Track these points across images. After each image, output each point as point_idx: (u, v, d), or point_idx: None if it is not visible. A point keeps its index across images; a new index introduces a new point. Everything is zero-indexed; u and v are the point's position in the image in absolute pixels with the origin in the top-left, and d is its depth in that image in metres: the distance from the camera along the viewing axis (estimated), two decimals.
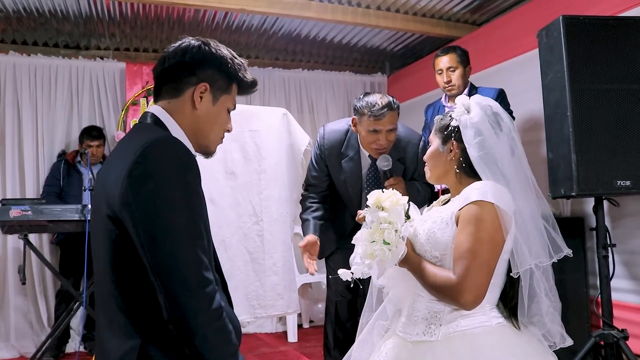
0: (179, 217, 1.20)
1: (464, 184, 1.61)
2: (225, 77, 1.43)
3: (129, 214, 1.19)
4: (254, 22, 4.68)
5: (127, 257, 1.23)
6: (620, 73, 2.71)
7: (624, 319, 3.04)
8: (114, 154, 1.39)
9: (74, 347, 4.36)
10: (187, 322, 1.17)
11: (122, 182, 1.20)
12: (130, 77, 4.94)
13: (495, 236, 1.50)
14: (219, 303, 1.22)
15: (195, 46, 1.40)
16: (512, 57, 3.98)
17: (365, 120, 2.63)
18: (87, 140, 4.44)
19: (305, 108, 5.62)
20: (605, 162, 2.66)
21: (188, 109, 1.39)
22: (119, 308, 1.25)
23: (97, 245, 1.33)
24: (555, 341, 1.57)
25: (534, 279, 1.52)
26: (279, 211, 2.66)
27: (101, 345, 1.32)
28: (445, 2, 4.38)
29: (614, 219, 3.21)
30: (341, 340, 2.92)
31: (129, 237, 1.21)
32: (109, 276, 1.26)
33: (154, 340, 1.23)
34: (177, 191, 1.21)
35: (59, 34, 4.79)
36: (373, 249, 1.53)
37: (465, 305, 1.49)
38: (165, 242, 1.18)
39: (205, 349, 1.20)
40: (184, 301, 1.17)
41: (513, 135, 1.64)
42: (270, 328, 5.06)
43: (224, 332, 1.23)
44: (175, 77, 1.39)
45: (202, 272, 1.20)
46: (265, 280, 2.55)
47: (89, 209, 3.50)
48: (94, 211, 1.38)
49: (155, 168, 1.21)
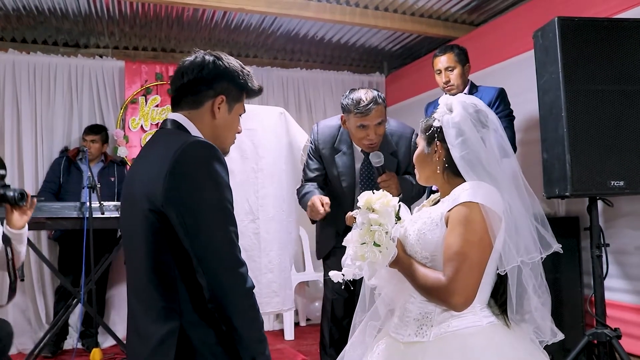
0: (216, 209, 1.38)
1: (452, 184, 1.61)
2: (238, 87, 1.59)
3: (174, 207, 1.36)
4: (253, 22, 4.70)
5: (166, 247, 1.39)
6: (614, 74, 2.72)
7: (617, 318, 3.06)
8: (145, 156, 1.56)
9: (71, 344, 4.39)
10: (227, 298, 1.34)
11: (164, 180, 1.37)
12: (129, 75, 4.96)
13: (485, 237, 1.49)
14: (251, 283, 1.40)
15: (211, 61, 1.55)
16: (509, 58, 4.00)
17: (353, 117, 2.66)
18: (84, 134, 4.49)
19: (303, 107, 5.64)
20: (599, 163, 2.68)
21: (208, 118, 1.55)
22: (158, 294, 1.40)
23: (134, 238, 1.47)
24: (546, 337, 1.58)
25: (522, 276, 1.52)
26: (276, 209, 2.68)
27: (138, 332, 1.45)
28: (443, 3, 4.40)
29: (608, 219, 3.23)
30: (337, 338, 2.94)
31: (170, 228, 1.37)
32: (147, 265, 1.41)
33: (191, 322, 1.38)
34: (212, 186, 1.39)
35: (59, 32, 4.81)
36: (364, 250, 1.55)
37: (455, 307, 1.49)
38: (206, 230, 1.36)
39: (241, 323, 1.36)
40: (224, 280, 1.35)
41: (501, 134, 1.63)
42: (267, 326, 5.08)
43: (256, 308, 1.41)
44: (195, 90, 1.54)
45: (237, 254, 1.39)
46: (261, 278, 2.57)
47: (87, 206, 3.52)
48: (128, 206, 1.52)
49: (194, 167, 1.38)
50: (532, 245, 1.54)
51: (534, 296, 1.55)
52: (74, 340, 4.30)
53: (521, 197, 1.58)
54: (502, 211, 1.52)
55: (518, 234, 1.53)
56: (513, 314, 1.53)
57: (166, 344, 1.36)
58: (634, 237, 3.15)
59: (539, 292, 1.56)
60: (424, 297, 1.56)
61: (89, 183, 3.59)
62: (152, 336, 1.38)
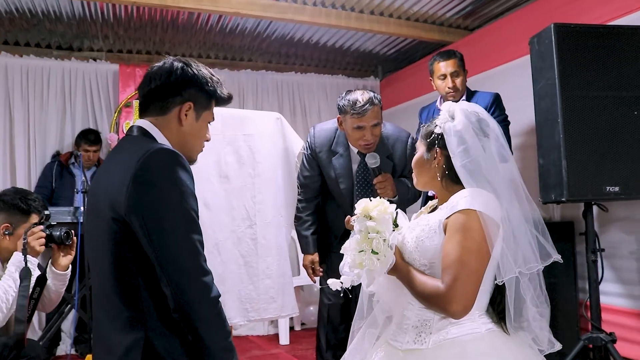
0: (180, 217, 1.36)
1: (450, 191, 1.61)
2: (206, 95, 1.56)
3: (137, 216, 1.34)
4: (248, 25, 4.69)
5: (129, 255, 1.37)
6: (610, 81, 2.74)
7: (612, 322, 3.09)
8: (111, 162, 1.53)
9: (65, 349, 4.35)
10: (192, 307, 1.33)
11: (127, 188, 1.34)
12: (123, 79, 4.93)
13: (483, 245, 1.49)
14: (217, 292, 1.38)
15: (179, 68, 1.53)
16: (504, 63, 4.02)
17: (349, 118, 2.68)
18: (84, 144, 4.43)
19: (298, 111, 5.64)
20: (594, 168, 2.70)
21: (174, 125, 1.53)
22: (121, 303, 1.38)
23: (97, 246, 1.45)
24: (543, 346, 1.57)
25: (520, 287, 1.51)
26: (273, 215, 2.67)
27: (103, 342, 1.43)
28: (438, 8, 4.41)
29: (603, 224, 3.25)
30: (333, 343, 2.94)
31: (133, 237, 1.36)
32: (111, 274, 1.38)
33: (156, 332, 1.36)
34: (176, 194, 1.37)
35: (52, 35, 4.78)
36: (362, 258, 1.54)
37: (454, 314, 1.49)
38: (170, 239, 1.34)
39: (207, 332, 1.35)
40: (188, 289, 1.33)
41: (502, 142, 1.62)
42: (262, 330, 5.06)
43: (222, 317, 1.39)
44: (162, 96, 1.52)
45: (202, 263, 1.37)
46: (259, 284, 2.56)
47: (81, 211, 3.50)
48: (93, 214, 1.50)
49: (157, 174, 1.37)
50: (530, 255, 1.53)
51: (531, 307, 1.54)
52: (67, 347, 4.27)
53: (520, 204, 1.58)
54: (500, 219, 1.52)
55: (516, 244, 1.53)
56: (511, 323, 1.53)
57: (131, 354, 1.34)
58: (628, 241, 3.17)
59: (537, 303, 1.55)
60: (423, 304, 1.56)
61: (84, 188, 3.56)
62: (117, 346, 1.36)
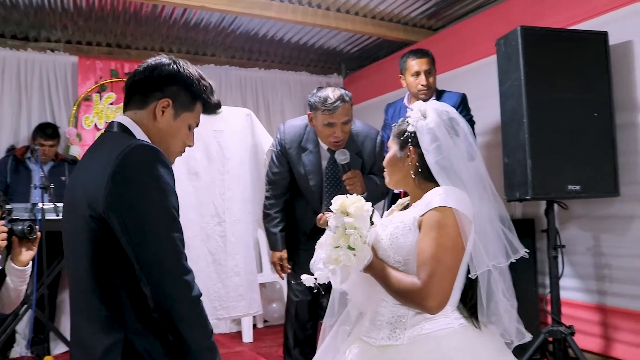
0: (160, 214, 1.32)
1: (423, 189, 1.63)
2: (189, 95, 1.52)
3: (116, 214, 1.30)
4: (212, 20, 4.64)
5: (108, 254, 1.33)
6: (573, 83, 2.83)
7: (570, 315, 3.19)
8: (89, 159, 1.48)
9: (19, 352, 4.20)
10: (173, 307, 1.29)
11: (106, 186, 1.30)
12: (83, 71, 4.79)
13: (458, 241, 1.52)
14: (198, 291, 1.35)
15: (165, 64, 1.51)
16: (468, 63, 4.09)
17: (320, 115, 2.68)
18: (40, 138, 4.27)
19: (261, 107, 5.62)
20: (557, 168, 2.79)
21: (150, 121, 1.49)
22: (100, 303, 1.33)
23: (74, 245, 1.41)
24: (512, 338, 1.62)
25: (492, 280, 1.55)
26: (242, 212, 2.65)
27: (81, 343, 1.39)
28: (403, 7, 4.47)
29: (562, 221, 3.35)
30: (301, 340, 2.93)
31: (112, 236, 1.31)
32: (89, 274, 1.35)
33: (136, 332, 1.33)
34: (156, 191, 1.33)
35: (6, 23, 4.59)
36: (338, 254, 1.54)
37: (430, 309, 1.51)
38: (150, 237, 1.30)
39: (189, 332, 1.31)
40: (169, 289, 1.29)
41: (470, 140, 1.66)
42: (225, 328, 5.00)
43: (203, 316, 1.36)
44: (144, 90, 1.50)
45: (183, 261, 1.33)
46: (227, 282, 2.54)
47: (39, 208, 3.38)
48: (70, 213, 1.46)
49: (137, 171, 1.33)
50: (500, 250, 1.57)
51: (503, 299, 1.59)
52: (22, 348, 4.12)
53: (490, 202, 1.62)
54: (472, 215, 1.56)
55: (487, 239, 1.57)
56: (483, 317, 1.57)
57: (111, 355, 1.31)
58: (585, 238, 3.29)
59: (507, 296, 1.60)
60: (398, 300, 1.57)
61: (42, 183, 3.44)
62: (96, 347, 1.32)
